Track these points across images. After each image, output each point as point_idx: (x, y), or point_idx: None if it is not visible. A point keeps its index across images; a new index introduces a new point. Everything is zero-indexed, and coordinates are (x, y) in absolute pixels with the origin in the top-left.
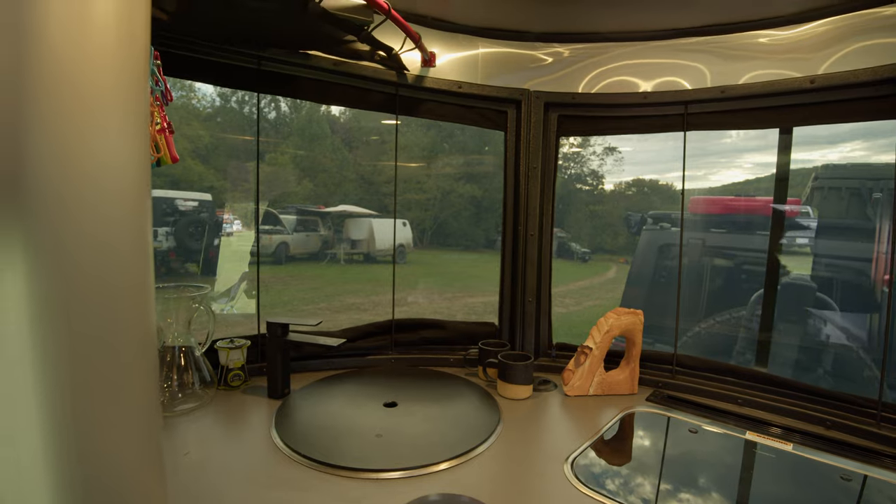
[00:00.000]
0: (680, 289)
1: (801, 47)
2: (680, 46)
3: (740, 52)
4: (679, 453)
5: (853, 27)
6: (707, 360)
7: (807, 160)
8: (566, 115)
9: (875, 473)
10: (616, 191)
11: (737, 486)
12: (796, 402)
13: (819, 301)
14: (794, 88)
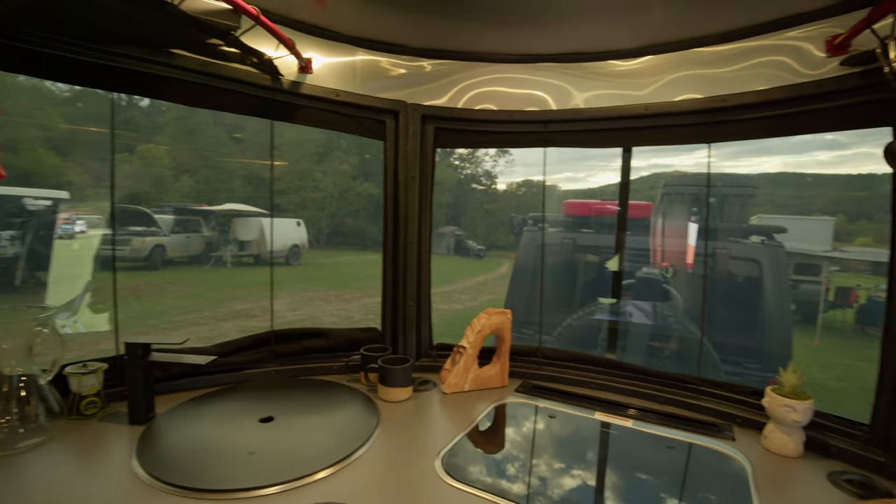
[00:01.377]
0: (542, 288)
1: (639, 76)
2: (543, 69)
3: (592, 78)
4: (543, 436)
5: (678, 63)
6: (567, 351)
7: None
8: (442, 127)
9: (692, 439)
10: (508, 190)
11: (588, 460)
12: (637, 383)
13: (665, 292)
14: (633, 114)
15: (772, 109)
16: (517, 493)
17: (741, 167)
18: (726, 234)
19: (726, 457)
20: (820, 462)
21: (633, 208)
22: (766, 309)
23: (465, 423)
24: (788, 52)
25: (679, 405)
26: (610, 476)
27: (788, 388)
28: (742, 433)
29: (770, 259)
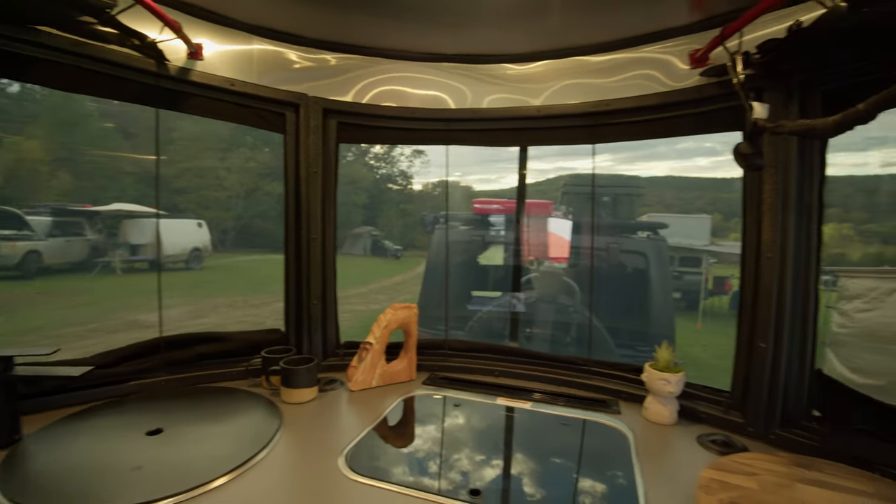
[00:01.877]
0: (447, 283)
1: (531, 80)
2: (444, 69)
3: (491, 79)
4: (450, 425)
5: (564, 70)
6: (471, 342)
7: (572, 167)
8: (345, 122)
9: (584, 416)
10: (424, 190)
11: (492, 442)
12: (536, 368)
13: (566, 284)
14: (527, 115)
15: (646, 114)
16: (425, 481)
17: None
18: (617, 229)
19: (613, 429)
20: (691, 427)
21: (535, 206)
22: (652, 296)
23: (372, 419)
24: (659, 64)
25: (573, 385)
26: (512, 455)
27: (663, 363)
28: (627, 407)
29: (655, 252)
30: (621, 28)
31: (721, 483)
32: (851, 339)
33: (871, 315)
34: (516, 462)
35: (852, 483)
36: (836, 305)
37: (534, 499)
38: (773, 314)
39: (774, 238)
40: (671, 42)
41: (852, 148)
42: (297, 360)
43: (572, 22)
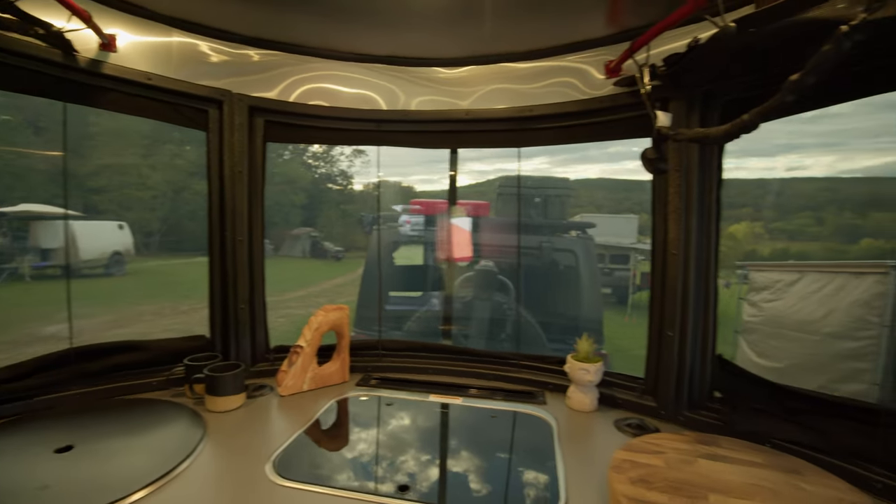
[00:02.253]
0: (381, 283)
1: (460, 84)
2: (375, 69)
3: (422, 81)
4: (383, 424)
5: (491, 75)
6: (405, 342)
7: (512, 169)
8: (272, 121)
9: (513, 408)
10: (365, 191)
11: (425, 439)
12: (468, 364)
13: (500, 282)
14: (456, 118)
15: (567, 120)
16: (355, 481)
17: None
18: (549, 229)
19: (538, 418)
20: (610, 413)
21: (473, 207)
22: (582, 292)
23: (302, 423)
24: (578, 73)
25: (503, 379)
26: (444, 449)
27: (583, 354)
28: (552, 397)
29: (583, 250)
30: (544, 37)
31: (631, 463)
32: (760, 326)
33: (776, 305)
34: (448, 456)
35: (745, 456)
36: (747, 297)
37: (463, 489)
38: (679, 305)
39: (679, 236)
40: (589, 53)
41: (763, 154)
42: (222, 366)
43: (499, 29)
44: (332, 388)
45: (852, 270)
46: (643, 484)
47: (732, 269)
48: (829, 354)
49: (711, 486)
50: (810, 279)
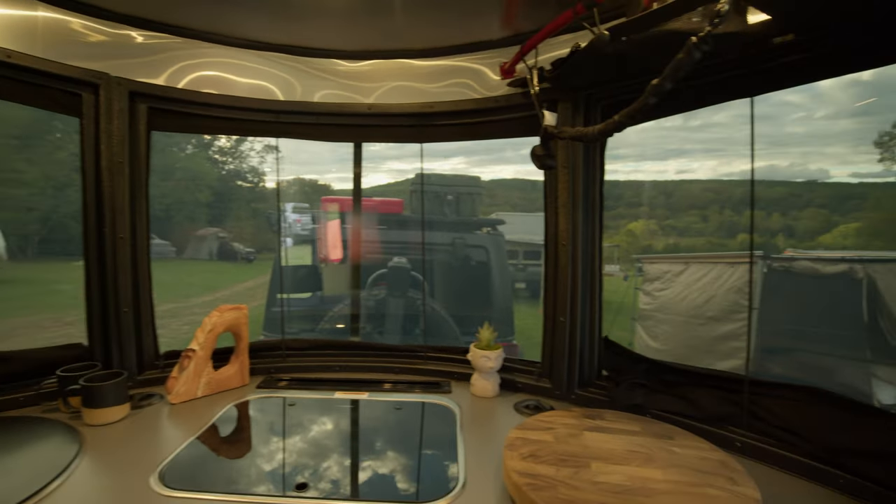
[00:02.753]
0: (282, 282)
1: (361, 79)
2: (271, 58)
3: (321, 74)
4: (287, 425)
5: (393, 71)
6: (310, 340)
7: (428, 168)
8: (158, 108)
9: (418, 399)
10: (279, 189)
11: (330, 436)
12: (375, 359)
13: (414, 279)
14: (359, 112)
15: (465, 118)
16: (251, 484)
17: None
18: (462, 226)
19: (443, 407)
20: (510, 397)
21: (386, 204)
22: (493, 286)
23: (195, 430)
24: (474, 73)
25: (411, 372)
26: (347, 444)
27: (485, 342)
28: (458, 386)
29: (494, 246)
30: (444, 37)
31: (524, 440)
32: (653, 313)
33: (666, 293)
34: (351, 450)
35: (625, 426)
36: (642, 287)
37: (366, 481)
38: (569, 293)
39: (567, 228)
40: (485, 53)
41: (656, 157)
42: (101, 376)
43: (402, 26)
44: (231, 392)
45: (728, 261)
46: (533, 458)
47: (631, 263)
48: (711, 336)
49: (594, 455)
50: (694, 269)
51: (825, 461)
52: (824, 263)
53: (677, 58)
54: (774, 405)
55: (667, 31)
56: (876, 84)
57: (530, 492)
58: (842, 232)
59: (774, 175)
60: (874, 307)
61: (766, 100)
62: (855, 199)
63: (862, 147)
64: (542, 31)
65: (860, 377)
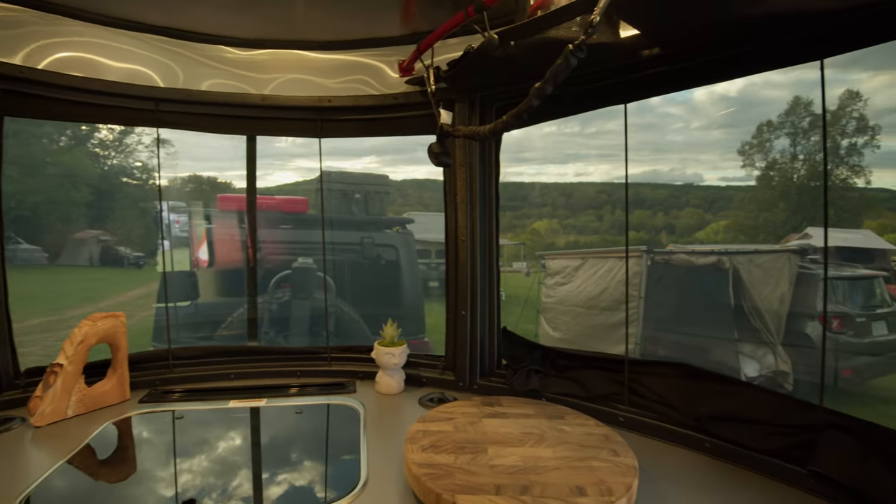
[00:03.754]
0: (167, 287)
1: (254, 68)
2: (149, 41)
3: (208, 61)
4: (176, 440)
5: (288, 62)
6: (201, 348)
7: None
8: (11, 90)
9: (321, 401)
10: (172, 187)
11: (224, 447)
12: (275, 364)
13: (320, 279)
14: (251, 103)
15: (364, 114)
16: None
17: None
18: (370, 225)
19: (347, 407)
20: (415, 391)
21: (289, 203)
22: (403, 284)
23: (64, 454)
24: (373, 70)
25: (314, 374)
26: (248, 454)
27: (388, 339)
28: (363, 385)
29: (404, 245)
30: (344, 30)
31: (424, 432)
32: (555, 306)
33: (566, 287)
34: (247, 461)
35: (521, 410)
36: (544, 282)
37: (265, 491)
38: (469, 287)
39: (466, 224)
40: (385, 50)
41: (557, 161)
42: None
43: (300, 14)
44: (109, 409)
45: (618, 255)
46: (433, 449)
47: (537, 260)
48: (606, 325)
49: (491, 440)
50: (590, 264)
51: (693, 428)
52: (697, 256)
53: (556, 63)
54: (651, 382)
55: (550, 38)
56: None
57: (428, 481)
58: (713, 229)
59: (658, 178)
60: (738, 293)
61: (651, 111)
62: (723, 199)
63: (728, 155)
64: (436, 31)
65: (729, 354)
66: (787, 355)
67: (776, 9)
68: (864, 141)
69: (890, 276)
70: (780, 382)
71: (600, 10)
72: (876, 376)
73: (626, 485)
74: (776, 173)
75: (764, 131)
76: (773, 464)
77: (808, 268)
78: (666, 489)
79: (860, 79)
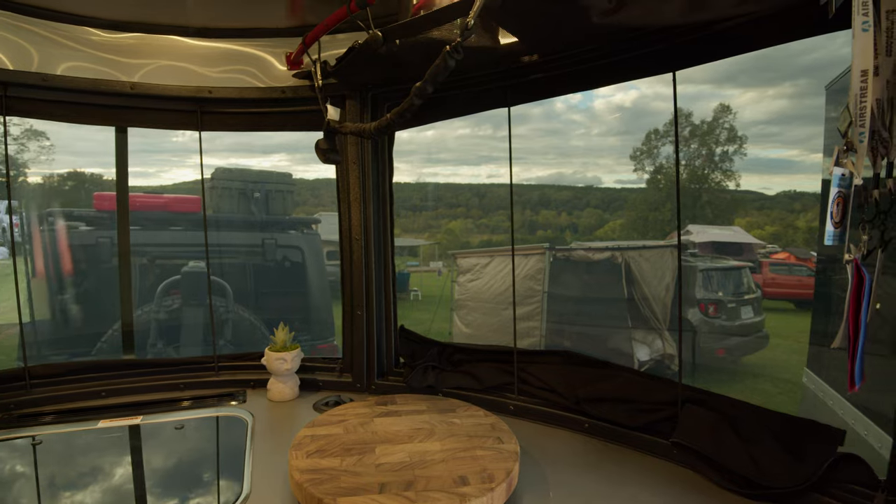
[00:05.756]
0: (31, 297)
1: (122, 53)
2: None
3: (68, 42)
4: (40, 471)
5: (162, 48)
6: (66, 364)
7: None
8: None
9: (205, 414)
10: (47, 185)
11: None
12: (156, 378)
13: (216, 284)
14: (119, 91)
15: (250, 107)
16: None
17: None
18: (272, 226)
19: (234, 418)
20: (311, 396)
21: (180, 202)
22: (310, 286)
23: None
24: (259, 61)
25: (200, 386)
26: (114, 478)
27: (280, 343)
28: (254, 394)
29: (309, 246)
30: (226, 18)
31: (312, 437)
32: (466, 302)
33: (476, 284)
34: (122, 483)
35: (414, 406)
36: (457, 279)
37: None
38: (364, 286)
39: (360, 222)
40: (272, 41)
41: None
42: None
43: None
44: None
45: (523, 252)
46: (319, 454)
47: (452, 259)
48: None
49: (381, 439)
50: (497, 261)
51: (574, 411)
52: (594, 252)
53: (435, 63)
54: (537, 370)
55: (431, 38)
56: (633, 109)
57: (311, 487)
58: (611, 227)
59: (562, 181)
60: (630, 285)
61: (557, 117)
62: (619, 200)
63: (622, 159)
64: (320, 24)
65: (624, 342)
66: (672, 339)
67: (626, 22)
68: (733, 149)
69: (755, 266)
70: (668, 364)
71: (474, 13)
72: (745, 354)
73: (506, 470)
74: (663, 177)
75: (652, 139)
76: (643, 439)
77: (687, 261)
78: (547, 470)
79: (732, 94)
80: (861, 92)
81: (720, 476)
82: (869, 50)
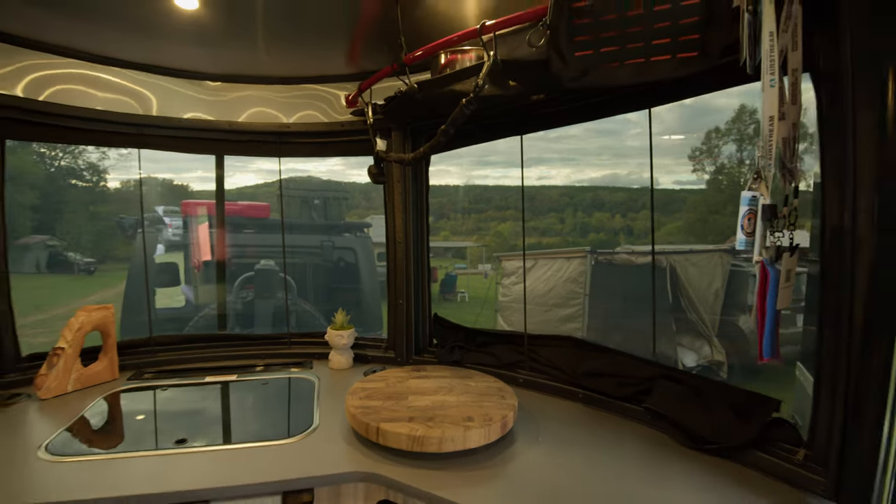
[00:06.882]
0: (148, 289)
1: (225, 99)
2: (132, 75)
3: (184, 91)
4: (167, 412)
5: (251, 96)
6: (179, 335)
7: (305, 170)
8: (15, 119)
9: (284, 375)
10: (124, 189)
11: (201, 410)
12: (244, 349)
13: (282, 280)
14: (221, 128)
15: (316, 138)
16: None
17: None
18: (333, 229)
19: (304, 379)
20: (362, 367)
21: (252, 208)
22: (362, 284)
23: (71, 416)
24: (326, 100)
25: (277, 356)
26: (222, 414)
27: (339, 323)
28: (319, 363)
29: (361, 247)
30: (300, 68)
31: (362, 388)
32: (509, 303)
33: (519, 286)
34: (223, 418)
35: (440, 373)
36: (501, 281)
37: (238, 433)
38: (404, 280)
39: (402, 228)
40: (334, 85)
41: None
42: None
43: (262, 56)
44: (101, 385)
45: (565, 256)
46: (367, 398)
47: (498, 261)
48: (554, 320)
49: (412, 391)
50: (541, 264)
51: (572, 384)
52: (637, 255)
53: (454, 112)
54: (545, 352)
55: (456, 90)
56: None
57: (361, 416)
58: (668, 230)
59: (616, 182)
60: (676, 289)
61: (612, 118)
62: (677, 202)
63: (681, 160)
64: (372, 77)
65: (669, 346)
66: (721, 346)
67: (592, 85)
68: (803, 147)
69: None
70: (716, 371)
71: (483, 76)
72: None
73: (503, 415)
74: (724, 177)
75: (712, 137)
76: (624, 407)
77: (739, 265)
78: (541, 425)
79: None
80: (769, 133)
81: (683, 436)
82: (774, 100)
